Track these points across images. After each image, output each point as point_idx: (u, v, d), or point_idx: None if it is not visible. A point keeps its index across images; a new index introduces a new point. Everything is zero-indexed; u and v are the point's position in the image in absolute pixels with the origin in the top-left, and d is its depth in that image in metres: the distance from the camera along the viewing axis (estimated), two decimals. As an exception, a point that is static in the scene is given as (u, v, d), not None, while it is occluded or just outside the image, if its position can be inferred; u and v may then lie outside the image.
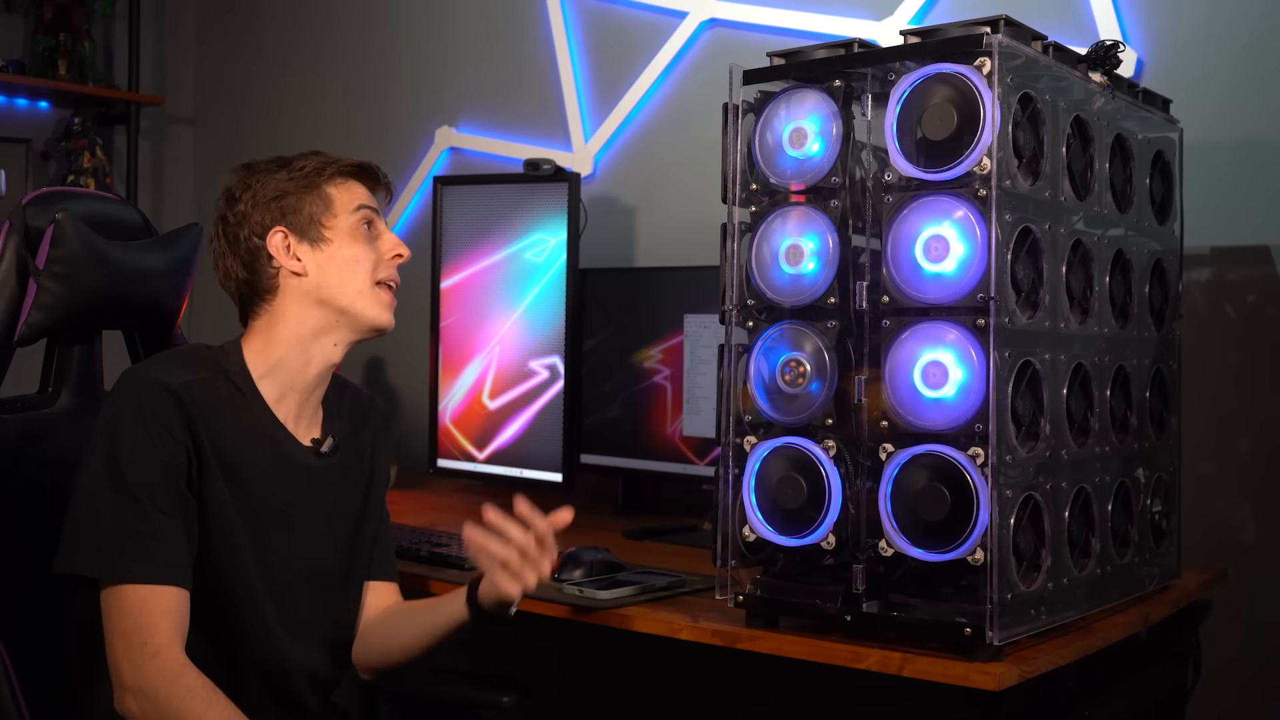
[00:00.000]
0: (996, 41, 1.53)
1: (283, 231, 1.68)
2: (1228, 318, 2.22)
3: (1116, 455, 1.82)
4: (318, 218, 1.69)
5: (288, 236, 1.68)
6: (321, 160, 1.71)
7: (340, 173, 1.72)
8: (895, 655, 1.56)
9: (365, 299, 1.70)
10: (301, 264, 1.68)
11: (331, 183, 1.71)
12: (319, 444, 1.73)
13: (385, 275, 1.72)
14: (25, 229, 1.78)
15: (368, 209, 1.72)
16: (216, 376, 1.65)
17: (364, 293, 1.70)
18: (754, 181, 1.72)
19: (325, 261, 1.69)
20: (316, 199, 1.69)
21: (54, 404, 1.84)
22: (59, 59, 3.60)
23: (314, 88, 3.66)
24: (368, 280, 1.70)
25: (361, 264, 1.70)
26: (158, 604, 1.53)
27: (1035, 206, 1.63)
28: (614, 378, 2.62)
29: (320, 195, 1.69)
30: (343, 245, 1.69)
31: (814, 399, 1.65)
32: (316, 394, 1.74)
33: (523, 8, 3.14)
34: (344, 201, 1.70)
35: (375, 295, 1.71)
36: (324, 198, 1.70)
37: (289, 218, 1.68)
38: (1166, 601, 1.94)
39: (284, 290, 1.69)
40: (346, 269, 1.69)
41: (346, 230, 1.70)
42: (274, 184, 1.69)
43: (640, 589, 1.88)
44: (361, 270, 1.69)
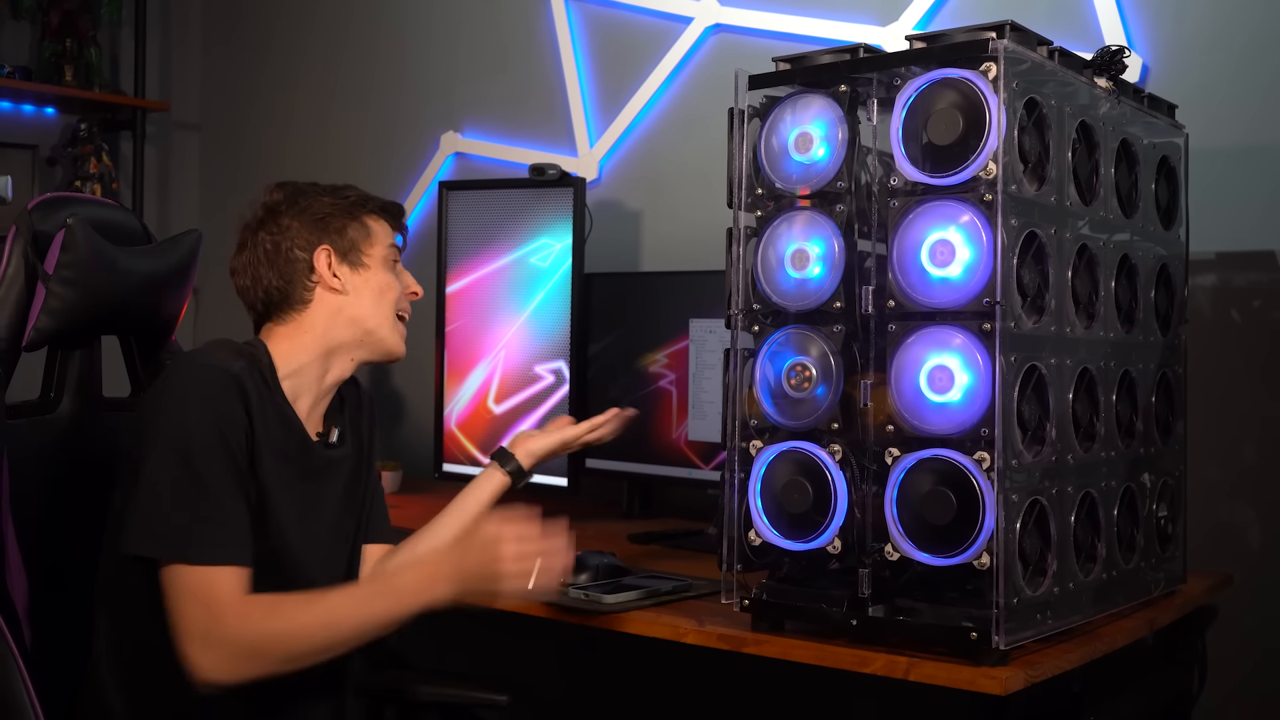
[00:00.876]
0: (1002, 47, 1.53)
1: (328, 250, 1.77)
2: (1233, 322, 2.22)
3: (1122, 460, 1.82)
4: (359, 244, 1.80)
5: (331, 255, 1.77)
6: (361, 194, 1.83)
7: (379, 208, 1.84)
8: (901, 659, 1.56)
9: (388, 326, 1.81)
10: (340, 283, 1.77)
11: (371, 216, 1.82)
12: (325, 436, 1.81)
13: (403, 308, 1.84)
14: (32, 234, 1.78)
15: (395, 247, 1.84)
16: (251, 366, 1.70)
17: (389, 320, 1.81)
18: (759, 186, 1.72)
19: (362, 285, 1.79)
20: (360, 227, 1.80)
21: (55, 410, 1.84)
22: (65, 65, 3.61)
23: (320, 94, 3.67)
24: (392, 309, 1.82)
25: (390, 293, 1.81)
26: (223, 583, 1.57)
27: (1041, 211, 1.63)
28: (619, 382, 2.62)
29: (361, 224, 1.81)
30: (378, 273, 1.80)
31: (819, 403, 1.65)
32: (326, 397, 1.82)
33: (528, 14, 3.14)
34: (380, 234, 1.82)
35: (395, 325, 1.82)
36: (364, 227, 1.81)
37: (333, 238, 1.78)
38: (1172, 606, 1.94)
39: (317, 304, 1.77)
40: (379, 295, 1.80)
41: (380, 260, 1.81)
42: (320, 205, 1.79)
43: (646, 593, 1.88)
44: (389, 299, 1.81)
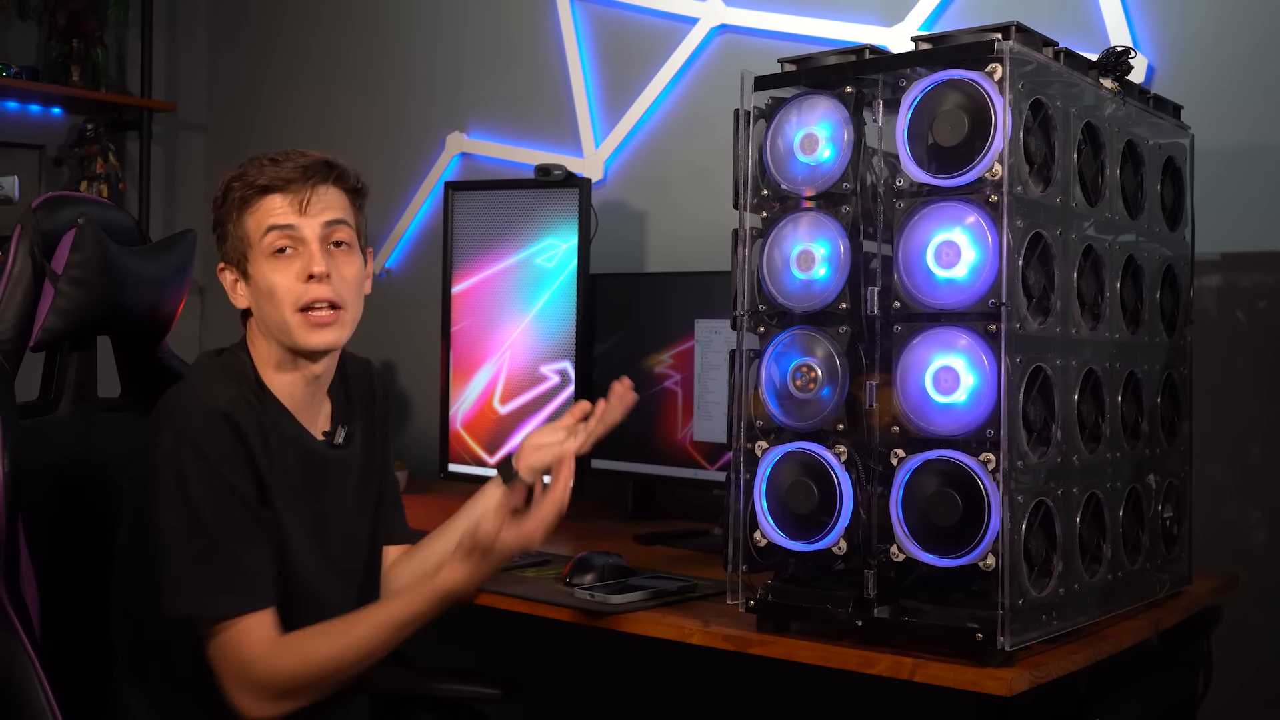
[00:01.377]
0: (1008, 48, 1.53)
1: (224, 266, 1.69)
2: (1239, 323, 2.22)
3: (1128, 461, 1.82)
4: (243, 249, 1.66)
5: (232, 270, 1.69)
6: (244, 177, 1.66)
7: (246, 196, 1.65)
8: (906, 660, 1.56)
9: (290, 329, 1.65)
10: (245, 299, 1.69)
11: (248, 208, 1.65)
12: (331, 436, 1.75)
13: (303, 299, 1.64)
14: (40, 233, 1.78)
15: (274, 230, 1.64)
16: (242, 388, 1.66)
17: (288, 324, 1.65)
18: (765, 187, 1.72)
19: (256, 295, 1.66)
20: (237, 227, 1.66)
21: (54, 411, 1.84)
22: (72, 65, 3.62)
23: (326, 93, 3.67)
24: (286, 310, 1.64)
25: (275, 295, 1.64)
26: (250, 631, 1.57)
27: (1046, 212, 1.63)
28: (625, 383, 2.62)
29: (239, 223, 1.66)
30: (261, 275, 1.65)
31: (825, 404, 1.65)
32: (320, 391, 1.75)
33: (534, 14, 3.15)
34: (254, 227, 1.65)
35: (300, 321, 1.65)
36: (241, 226, 1.66)
37: (224, 249, 1.68)
38: (1178, 607, 1.94)
39: (249, 319, 1.71)
40: (269, 304, 1.65)
41: (262, 259, 1.65)
42: (217, 213, 1.69)
43: (651, 594, 1.88)
44: (276, 302, 1.64)
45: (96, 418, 1.88)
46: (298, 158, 1.69)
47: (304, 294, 1.63)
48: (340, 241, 1.69)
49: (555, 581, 1.98)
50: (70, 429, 1.85)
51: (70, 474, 1.81)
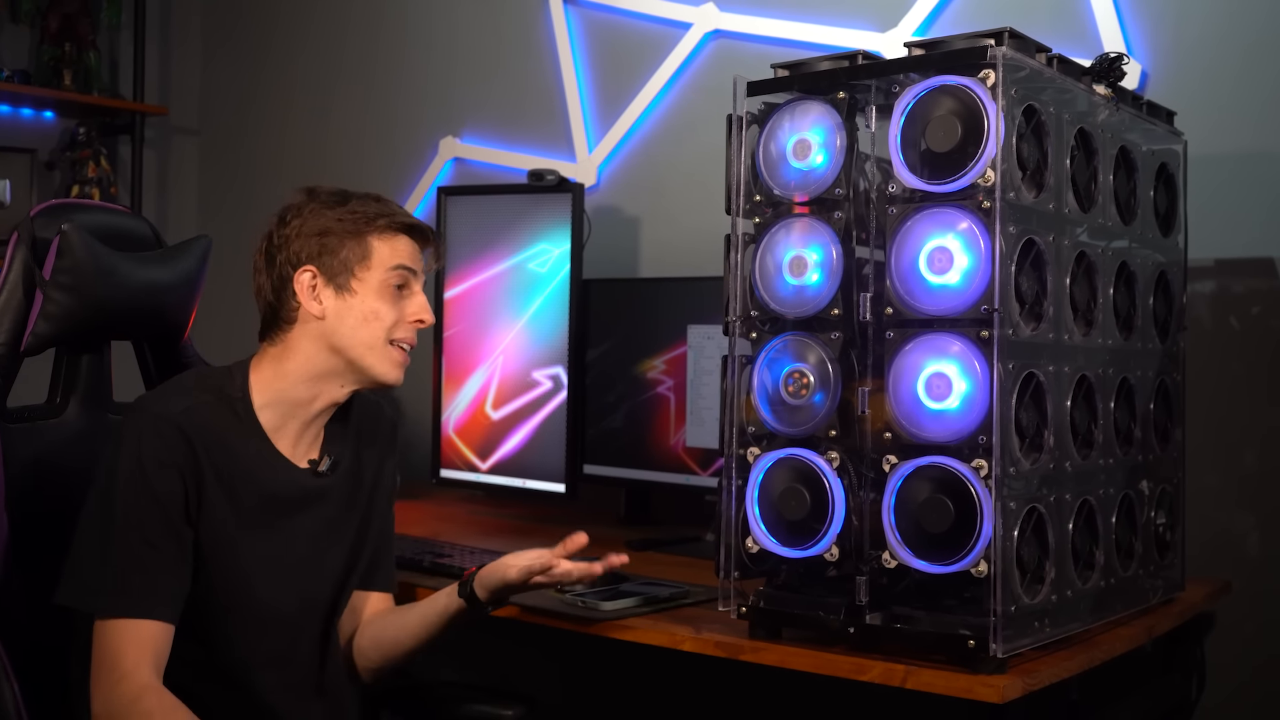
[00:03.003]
0: (1001, 54, 1.53)
1: (312, 270, 1.68)
2: (1232, 330, 2.22)
3: (1120, 467, 1.82)
4: (351, 265, 1.69)
5: (316, 276, 1.68)
6: (378, 209, 1.71)
7: (391, 227, 1.71)
8: (899, 667, 1.56)
9: (375, 354, 1.70)
10: (321, 307, 1.68)
11: (378, 234, 1.70)
12: (316, 464, 1.74)
13: (401, 336, 1.72)
14: (33, 240, 1.79)
15: (404, 269, 1.71)
16: (218, 401, 1.67)
17: (375, 348, 1.70)
18: (758, 193, 1.72)
19: (345, 310, 1.69)
20: (357, 246, 1.69)
21: (62, 414, 1.85)
22: (64, 69, 3.61)
23: (319, 99, 3.67)
24: (381, 336, 1.70)
25: (379, 320, 1.69)
26: (132, 636, 1.55)
27: (1039, 218, 1.63)
28: (617, 388, 2.62)
29: (362, 244, 1.69)
30: (366, 298, 1.69)
31: (817, 410, 1.65)
32: (319, 421, 1.75)
33: (528, 19, 3.14)
34: (383, 255, 1.70)
35: (386, 352, 1.70)
36: (365, 247, 1.69)
37: (324, 258, 1.68)
38: (1170, 614, 1.94)
39: (300, 326, 1.70)
40: (362, 322, 1.69)
41: (375, 284, 1.69)
42: (323, 220, 1.69)
43: (643, 600, 1.88)
44: (377, 326, 1.69)
45: (109, 421, 1.88)
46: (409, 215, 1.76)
47: (405, 331, 1.72)
48: None
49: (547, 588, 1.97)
50: (77, 432, 1.85)
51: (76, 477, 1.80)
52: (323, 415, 1.74)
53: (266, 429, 1.69)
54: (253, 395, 1.69)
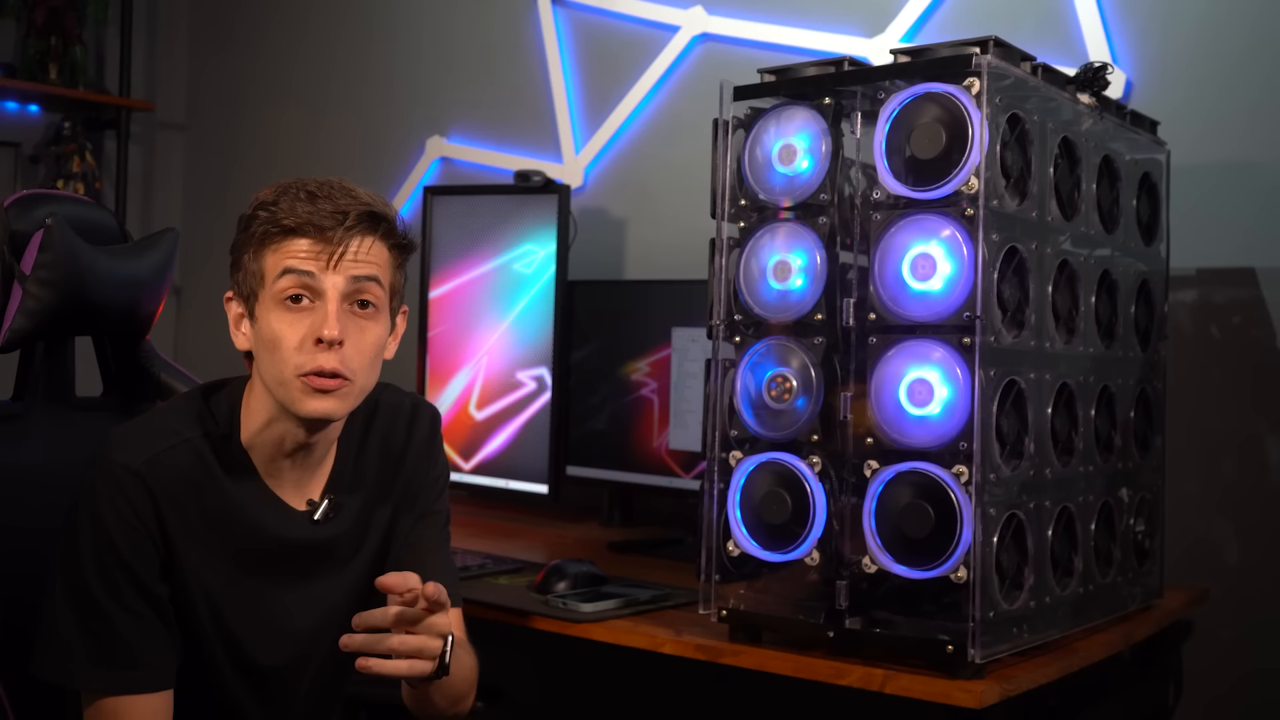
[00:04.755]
0: (986, 62, 1.54)
1: (231, 297, 1.47)
2: (1213, 339, 2.23)
3: (1100, 475, 1.82)
4: (254, 286, 1.42)
5: (240, 306, 1.46)
6: (275, 210, 1.41)
7: (278, 232, 1.40)
8: (878, 672, 1.56)
9: (285, 389, 1.40)
10: (247, 341, 1.45)
11: (269, 243, 1.40)
12: (314, 507, 1.51)
13: (306, 365, 1.39)
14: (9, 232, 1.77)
15: (294, 275, 1.39)
16: (197, 440, 1.46)
17: (285, 382, 1.40)
18: (743, 197, 1.72)
19: (259, 341, 1.42)
20: (254, 261, 1.42)
21: (28, 411, 1.82)
22: (50, 63, 3.59)
23: (306, 96, 3.66)
24: (288, 370, 1.39)
25: (279, 344, 1.40)
26: (128, 714, 1.41)
27: (1022, 226, 1.64)
28: (601, 390, 2.62)
29: (258, 257, 1.41)
30: (267, 322, 1.41)
31: (800, 415, 1.65)
32: (311, 456, 1.50)
33: (516, 20, 3.14)
34: (271, 266, 1.40)
35: (300, 386, 1.40)
36: (260, 260, 1.41)
37: (236, 278, 1.45)
38: (1149, 621, 1.94)
39: None
40: (270, 352, 1.41)
41: (270, 303, 1.40)
42: (238, 232, 1.44)
43: (624, 602, 1.88)
44: (279, 356, 1.40)
45: (73, 418, 1.86)
46: (341, 197, 1.42)
47: (308, 360, 1.39)
48: (366, 302, 1.43)
49: (527, 589, 1.98)
50: (44, 429, 1.83)
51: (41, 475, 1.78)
52: (310, 451, 1.49)
53: (258, 466, 1.48)
54: (243, 427, 1.48)
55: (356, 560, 1.55)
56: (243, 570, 1.48)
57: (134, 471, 1.41)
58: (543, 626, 1.85)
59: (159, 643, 1.43)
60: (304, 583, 1.52)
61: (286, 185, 1.44)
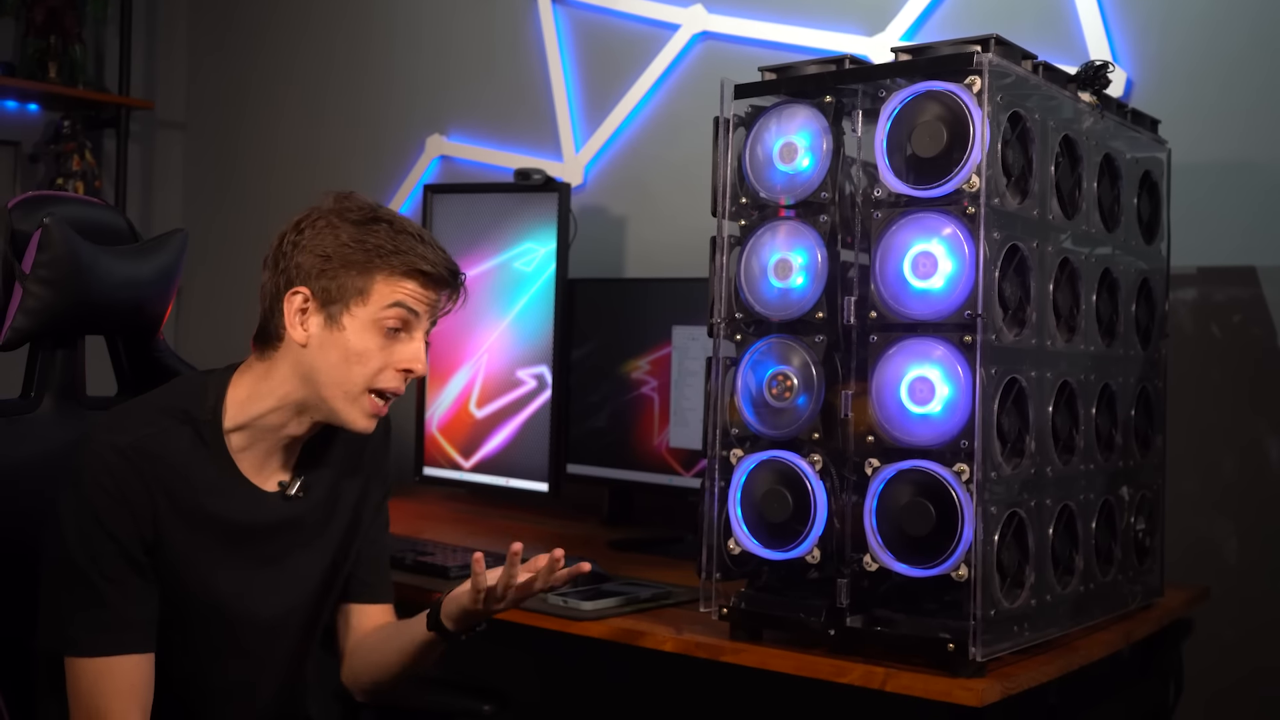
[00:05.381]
0: (987, 60, 1.54)
1: (305, 293, 1.55)
2: (1213, 337, 2.23)
3: (1101, 473, 1.82)
4: (347, 298, 1.54)
5: (309, 300, 1.55)
6: (394, 244, 1.54)
7: (402, 268, 1.55)
8: (878, 670, 1.56)
9: (348, 399, 1.56)
10: (305, 334, 1.55)
11: (385, 272, 1.54)
12: (286, 487, 1.63)
13: (385, 385, 1.57)
14: (11, 233, 1.77)
15: (405, 310, 1.55)
16: (181, 424, 1.57)
17: (350, 393, 1.56)
18: (744, 195, 1.72)
19: (330, 343, 1.55)
20: (358, 279, 1.54)
21: (36, 409, 1.83)
22: (49, 62, 3.59)
23: (306, 94, 3.66)
24: (360, 382, 1.55)
25: (362, 363, 1.55)
26: (111, 678, 1.51)
27: (1023, 224, 1.64)
28: (601, 388, 2.62)
29: (365, 277, 1.54)
30: (355, 335, 1.55)
31: (800, 413, 1.65)
32: (285, 451, 1.64)
33: (516, 18, 3.14)
34: (383, 294, 1.55)
35: (359, 400, 1.56)
36: (366, 281, 1.54)
37: (321, 281, 1.54)
38: (1149, 619, 1.95)
39: (285, 348, 1.57)
40: (344, 361, 1.55)
41: (368, 321, 1.55)
42: (332, 240, 1.55)
43: (625, 600, 1.88)
44: (359, 370, 1.55)
45: (83, 416, 1.87)
46: (444, 254, 1.60)
47: (390, 380, 1.57)
48: (428, 343, 1.63)
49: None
50: (52, 427, 1.84)
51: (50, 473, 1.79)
52: (287, 444, 1.63)
53: (233, 451, 1.59)
54: (225, 415, 1.59)
55: (326, 533, 1.68)
56: (221, 545, 1.59)
57: (120, 450, 1.52)
58: (543, 624, 1.85)
59: (142, 608, 1.54)
60: (278, 555, 1.64)
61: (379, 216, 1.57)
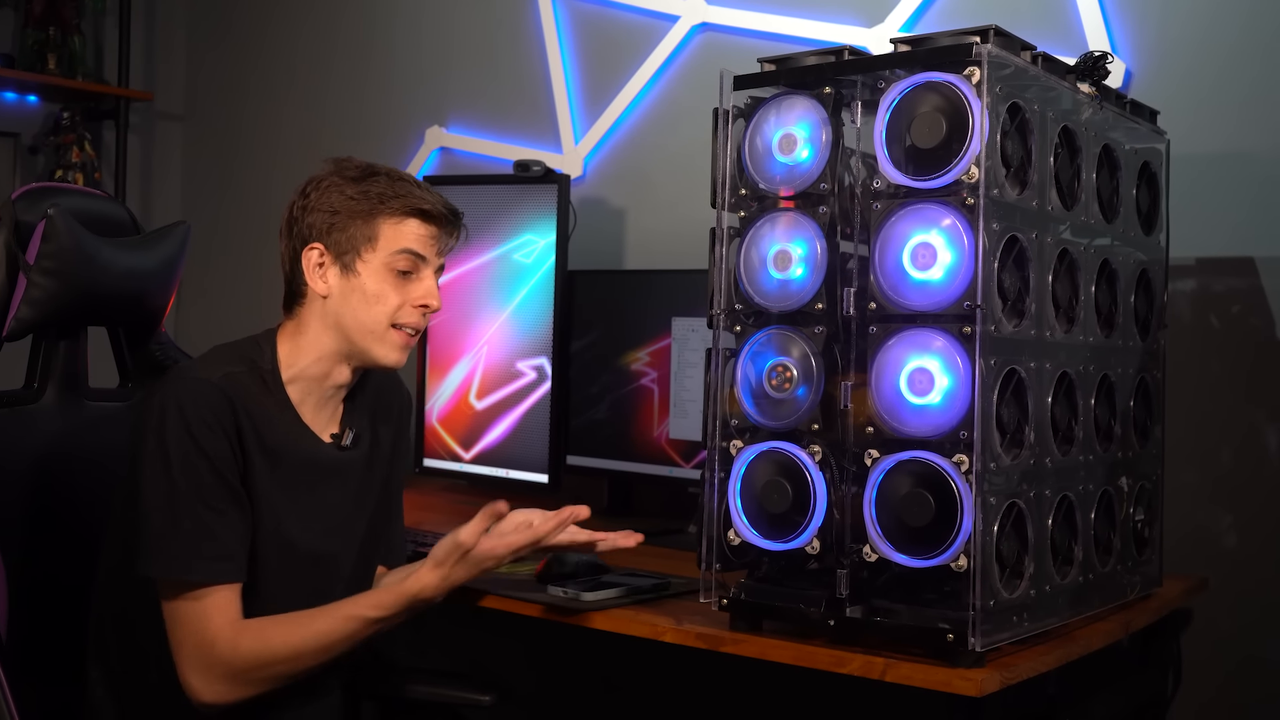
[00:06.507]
0: (986, 51, 1.54)
1: (319, 248, 1.70)
2: (1212, 328, 2.23)
3: (1100, 463, 1.83)
4: (358, 246, 1.70)
5: (324, 254, 1.70)
6: (392, 190, 1.71)
7: (402, 210, 1.71)
8: (878, 660, 1.57)
9: (375, 337, 1.71)
10: (327, 285, 1.71)
11: (388, 216, 1.71)
12: (339, 438, 1.77)
13: (405, 320, 1.73)
14: (15, 224, 1.78)
15: (411, 254, 1.72)
16: (250, 372, 1.70)
17: (375, 331, 1.71)
18: (743, 186, 1.72)
19: (349, 290, 1.70)
20: (365, 227, 1.70)
21: (39, 399, 1.84)
22: (49, 53, 3.59)
23: (305, 86, 3.66)
24: (383, 320, 1.71)
25: (381, 303, 1.71)
26: (212, 602, 1.59)
27: (1022, 215, 1.64)
28: (601, 380, 2.62)
29: (370, 225, 1.70)
30: (370, 280, 1.70)
31: (800, 404, 1.65)
32: (338, 395, 1.78)
33: (515, 10, 3.14)
34: (390, 238, 1.71)
35: (386, 336, 1.72)
36: (372, 228, 1.70)
37: (333, 235, 1.70)
38: (1148, 609, 1.95)
39: (309, 301, 1.72)
40: (365, 304, 1.70)
41: (379, 266, 1.70)
42: (338, 196, 1.70)
43: (625, 591, 1.88)
44: (379, 309, 1.71)
45: (87, 407, 1.88)
46: (439, 198, 1.76)
47: (409, 315, 1.72)
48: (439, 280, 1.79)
49: (529, 578, 1.98)
50: (55, 418, 1.84)
51: (53, 463, 1.80)
52: (339, 391, 1.77)
53: (294, 402, 1.72)
54: (281, 368, 1.72)
55: (371, 482, 1.83)
56: (290, 479, 1.70)
57: (214, 384, 1.64)
58: (544, 615, 1.86)
59: (238, 538, 1.63)
60: (334, 494, 1.76)
61: (374, 170, 1.73)
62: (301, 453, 1.72)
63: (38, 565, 1.75)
